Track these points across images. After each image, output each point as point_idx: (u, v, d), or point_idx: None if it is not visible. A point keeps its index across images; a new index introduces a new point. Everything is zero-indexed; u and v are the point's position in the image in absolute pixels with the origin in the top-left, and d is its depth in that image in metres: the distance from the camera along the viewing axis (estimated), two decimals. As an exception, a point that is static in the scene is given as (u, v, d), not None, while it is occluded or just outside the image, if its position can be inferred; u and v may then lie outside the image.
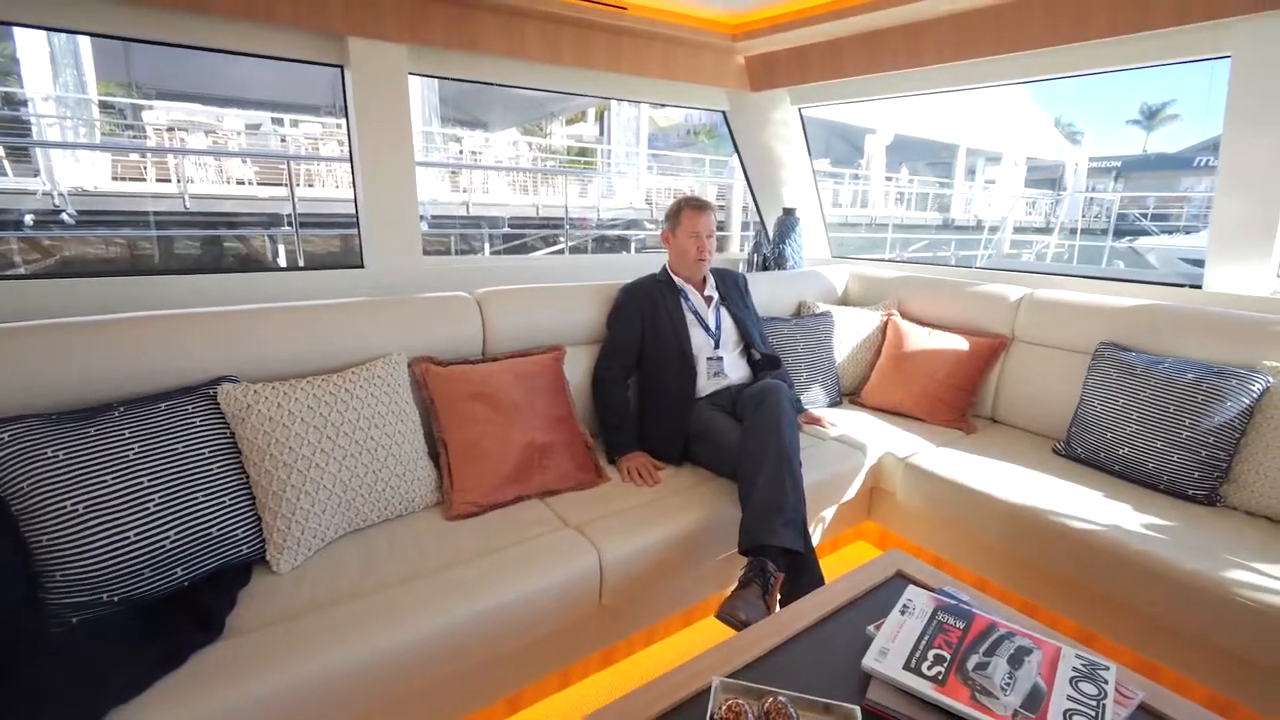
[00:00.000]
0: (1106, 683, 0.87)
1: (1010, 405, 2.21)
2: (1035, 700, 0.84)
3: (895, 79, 2.56)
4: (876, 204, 14.82)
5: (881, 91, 2.71)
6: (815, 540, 1.93)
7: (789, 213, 2.94)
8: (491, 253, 9.10)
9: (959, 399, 2.18)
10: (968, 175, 19.16)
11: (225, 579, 1.17)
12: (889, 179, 16.06)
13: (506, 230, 9.58)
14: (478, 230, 9.45)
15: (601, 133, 14.13)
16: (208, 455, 1.22)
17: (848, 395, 2.44)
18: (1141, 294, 2.16)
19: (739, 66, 2.81)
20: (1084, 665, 0.90)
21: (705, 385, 1.88)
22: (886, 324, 2.44)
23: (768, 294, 2.50)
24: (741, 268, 3.09)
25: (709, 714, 0.81)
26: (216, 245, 8.50)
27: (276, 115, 10.62)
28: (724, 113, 3.02)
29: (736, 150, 3.13)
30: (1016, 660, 0.90)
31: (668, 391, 1.84)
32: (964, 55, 2.24)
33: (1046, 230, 13.96)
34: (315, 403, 1.34)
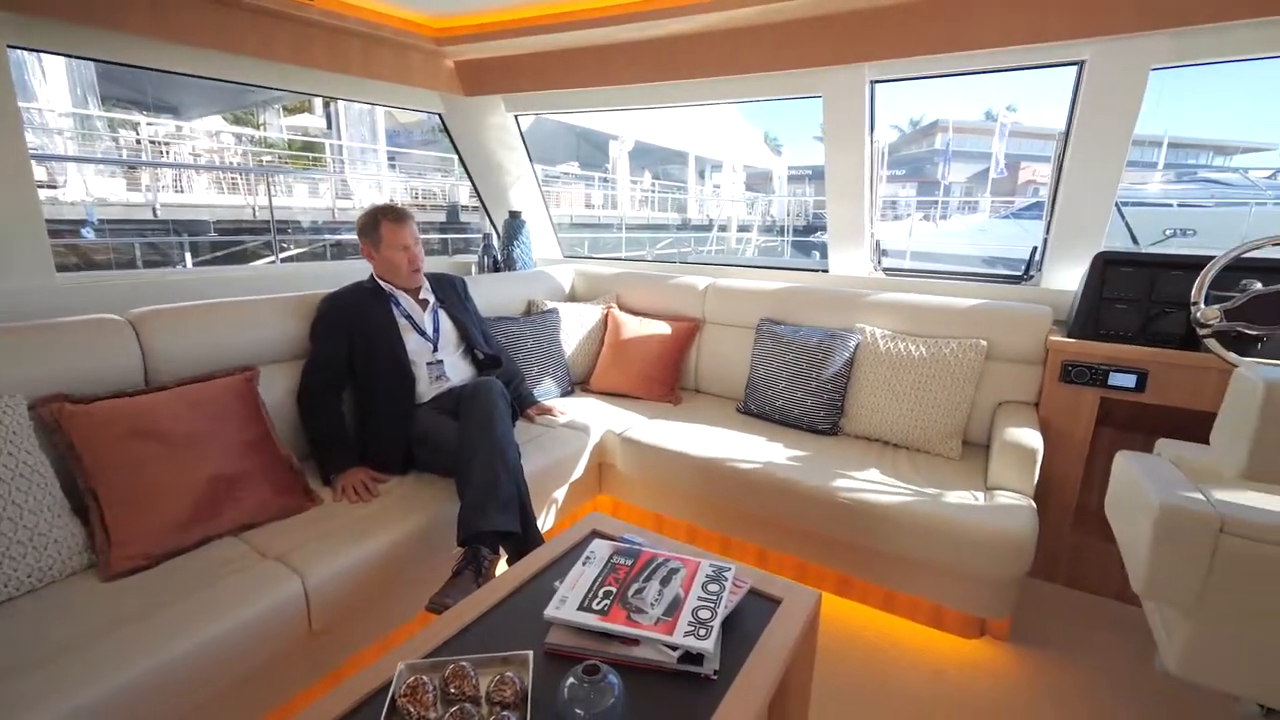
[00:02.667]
0: (727, 579, 1.13)
1: (707, 376, 2.63)
2: (674, 606, 1.05)
3: (598, 94, 2.82)
4: (624, 206, 15.98)
5: (588, 105, 2.97)
6: (550, 519, 2.07)
7: (515, 215, 3.06)
8: (196, 263, 7.66)
9: (667, 376, 2.53)
10: (698, 179, 21.69)
11: None
12: (634, 182, 17.42)
13: (214, 237, 8.15)
14: (176, 238, 7.86)
15: (330, 125, 12.77)
16: None
17: (579, 384, 2.65)
18: (790, 279, 2.73)
19: (449, 70, 2.82)
20: (714, 570, 1.15)
21: (427, 390, 1.89)
22: (607, 316, 2.70)
23: (498, 294, 2.58)
24: (473, 270, 3.12)
25: (390, 696, 0.85)
26: None
27: None
28: (440, 115, 3.01)
29: (458, 153, 3.15)
30: (666, 580, 1.12)
31: (385, 400, 1.80)
32: (646, 78, 2.57)
33: (766, 229, 16.56)
34: None
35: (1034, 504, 1.68)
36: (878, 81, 2.32)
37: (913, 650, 1.71)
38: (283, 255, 8.51)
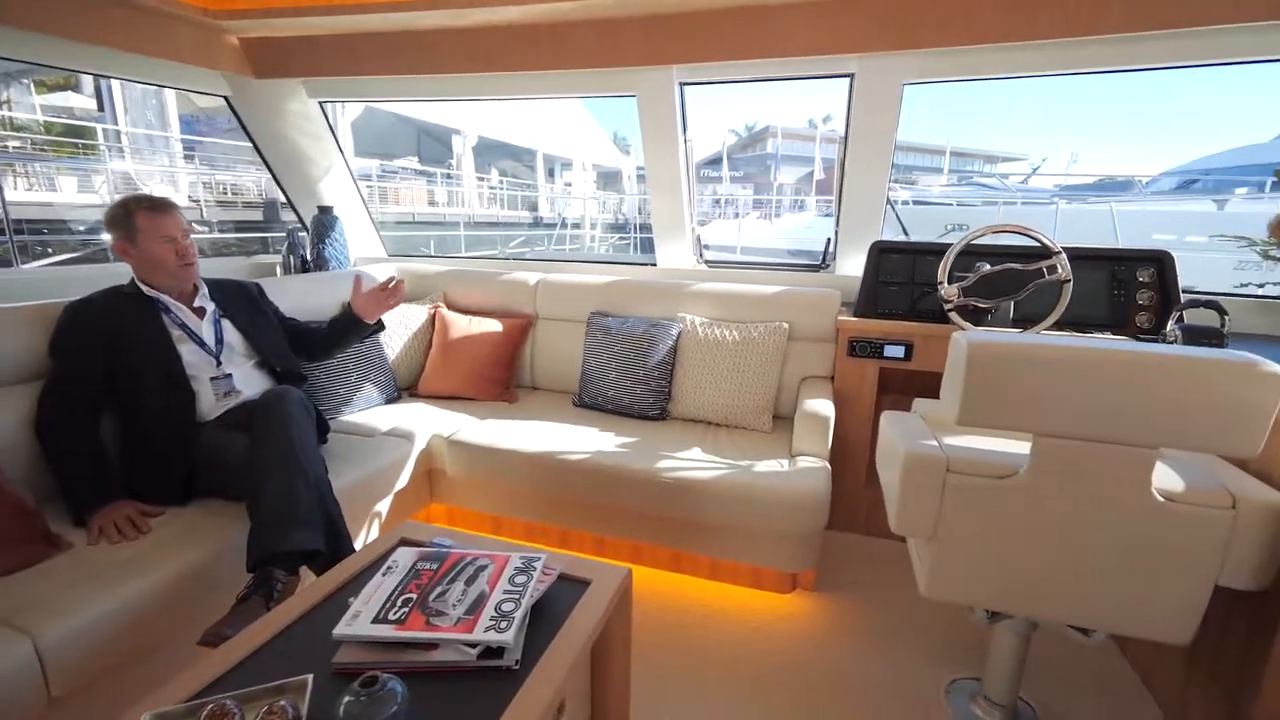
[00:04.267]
0: (535, 569, 1.13)
1: (542, 372, 2.62)
2: (478, 604, 1.03)
3: (412, 83, 2.67)
4: (472, 203, 15.42)
5: (401, 94, 2.80)
6: (373, 535, 1.95)
7: (325, 211, 2.81)
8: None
9: (501, 374, 2.48)
10: (548, 177, 21.55)
11: None
12: (481, 179, 16.87)
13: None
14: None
15: (102, 107, 10.79)
16: None
17: (406, 389, 2.51)
18: (620, 272, 2.81)
19: (234, 48, 2.52)
20: (523, 562, 1.15)
21: (213, 407, 1.67)
22: (435, 316, 2.59)
23: (306, 297, 2.36)
24: (278, 272, 2.82)
25: (125, 755, 0.74)
26: None
27: None
28: (227, 99, 2.68)
29: (252, 142, 2.82)
30: (472, 579, 1.10)
31: (157, 421, 1.57)
32: (463, 68, 2.48)
33: (619, 227, 16.85)
34: None
35: (828, 465, 1.89)
36: (686, 84, 2.45)
37: (735, 611, 1.85)
38: (45, 261, 7.08)
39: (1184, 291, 2.04)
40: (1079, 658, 1.66)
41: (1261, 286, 1.92)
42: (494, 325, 2.53)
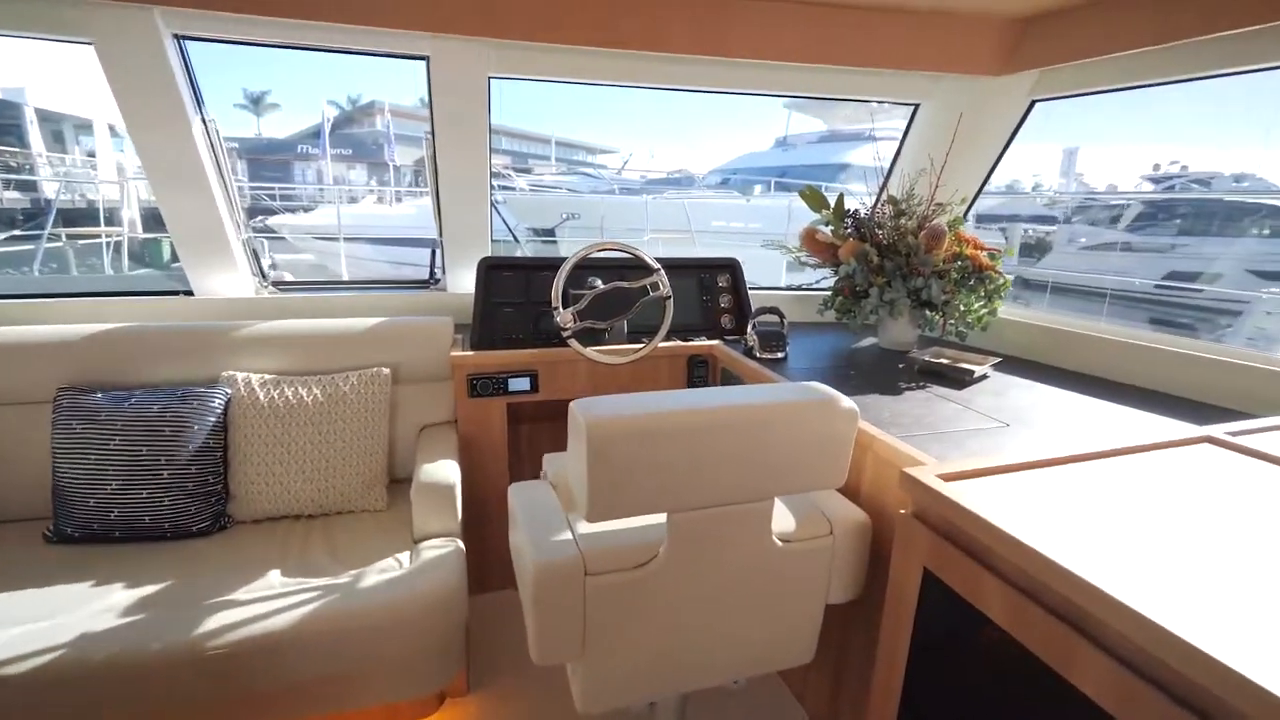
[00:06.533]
0: None
1: (-25, 498, 1.57)
2: None
3: None
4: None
5: None
6: None
7: None
8: None
9: None
10: (55, 144, 15.36)
11: None
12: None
13: None
14: None
15: None
16: None
17: None
18: (126, 311, 1.89)
19: None
20: None
21: None
22: None
23: None
24: None
25: None
26: None
27: None
28: None
29: None
30: None
31: None
32: None
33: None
34: None
35: (460, 544, 1.54)
36: (184, 37, 1.70)
37: (364, 779, 1.37)
38: None
39: (751, 288, 2.31)
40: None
41: (800, 288, 2.32)
42: None
